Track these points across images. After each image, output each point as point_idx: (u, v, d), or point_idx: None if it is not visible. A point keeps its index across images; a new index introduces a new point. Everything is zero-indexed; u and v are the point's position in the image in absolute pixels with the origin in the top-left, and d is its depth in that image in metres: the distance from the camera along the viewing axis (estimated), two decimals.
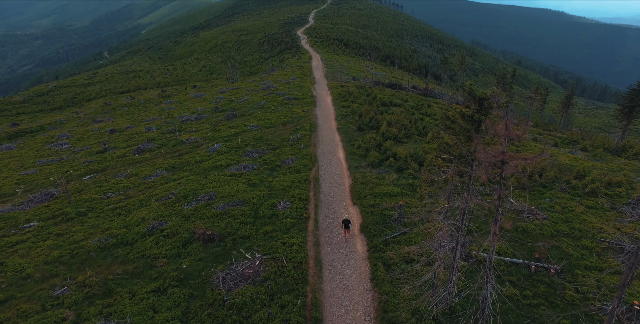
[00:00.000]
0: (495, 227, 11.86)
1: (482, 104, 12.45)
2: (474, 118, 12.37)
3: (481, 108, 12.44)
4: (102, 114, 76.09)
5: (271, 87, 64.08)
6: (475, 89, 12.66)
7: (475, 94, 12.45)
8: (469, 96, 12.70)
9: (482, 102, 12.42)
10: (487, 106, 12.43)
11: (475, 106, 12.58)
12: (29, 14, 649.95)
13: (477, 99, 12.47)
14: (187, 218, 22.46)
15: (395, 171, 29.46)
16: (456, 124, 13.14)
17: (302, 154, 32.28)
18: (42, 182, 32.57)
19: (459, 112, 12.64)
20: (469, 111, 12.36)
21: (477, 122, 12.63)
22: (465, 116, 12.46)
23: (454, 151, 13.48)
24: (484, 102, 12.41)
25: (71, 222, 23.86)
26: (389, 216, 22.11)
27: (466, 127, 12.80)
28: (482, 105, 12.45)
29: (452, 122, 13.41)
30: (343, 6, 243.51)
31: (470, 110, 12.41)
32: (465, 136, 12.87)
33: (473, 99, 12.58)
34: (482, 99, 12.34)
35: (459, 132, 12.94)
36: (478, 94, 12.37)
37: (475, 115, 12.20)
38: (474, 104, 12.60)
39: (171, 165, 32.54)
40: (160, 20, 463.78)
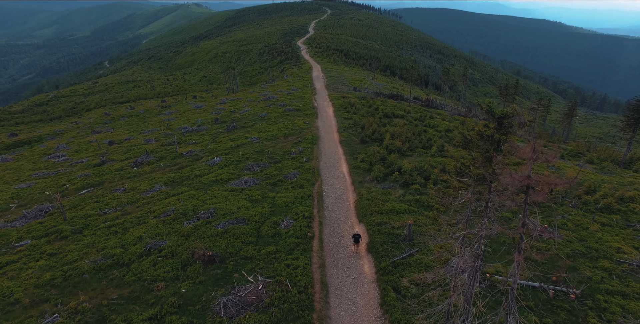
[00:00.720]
0: (520, 256, 11.00)
1: (501, 123, 11.70)
2: (493, 138, 11.61)
3: (501, 127, 11.69)
4: (101, 125, 75.46)
5: (272, 98, 63.57)
6: (493, 107, 11.93)
7: (495, 112, 11.72)
8: (488, 115, 11.96)
9: (502, 121, 11.68)
10: (507, 125, 11.69)
11: (495, 125, 11.83)
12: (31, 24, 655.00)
13: (496, 118, 11.73)
14: (187, 237, 21.54)
15: (401, 186, 28.63)
16: (474, 144, 12.38)
17: (305, 168, 31.47)
18: (37, 196, 31.66)
19: (478, 131, 11.88)
20: (488, 131, 11.61)
21: (496, 142, 11.87)
22: (485, 136, 11.70)
23: (471, 172, 12.68)
24: (503, 121, 11.67)
25: (65, 240, 22.91)
26: (397, 235, 21.21)
27: (485, 147, 12.03)
28: (501, 124, 11.70)
29: (470, 142, 12.65)
30: (343, 17, 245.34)
31: (489, 129, 11.65)
32: (484, 157, 12.09)
33: (492, 118, 11.84)
34: (502, 117, 11.60)
35: (477, 153, 12.17)
36: (497, 113, 11.63)
37: (495, 135, 11.44)
38: (493, 123, 11.86)
39: (170, 179, 31.69)
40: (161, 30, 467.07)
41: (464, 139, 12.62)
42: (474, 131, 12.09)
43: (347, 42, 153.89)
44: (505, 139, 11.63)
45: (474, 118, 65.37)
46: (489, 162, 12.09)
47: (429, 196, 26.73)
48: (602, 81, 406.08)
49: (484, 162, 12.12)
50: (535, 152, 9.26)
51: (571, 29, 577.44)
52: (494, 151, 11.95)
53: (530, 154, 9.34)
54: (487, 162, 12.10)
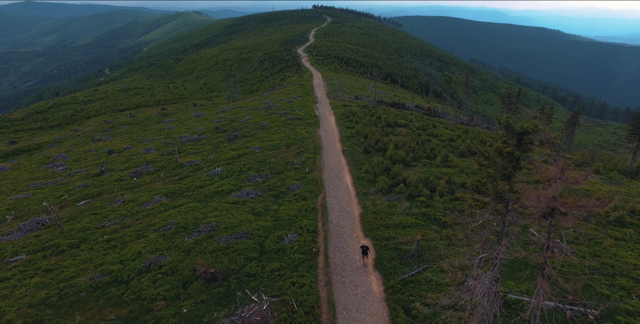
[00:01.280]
0: (543, 282, 10.37)
1: (521, 140, 11.13)
2: (513, 155, 11.03)
3: (521, 144, 11.12)
4: (101, 133, 74.96)
5: (273, 106, 63.17)
6: (512, 122, 11.38)
7: (514, 128, 11.16)
8: (506, 131, 11.40)
9: (522, 138, 11.11)
10: (527, 141, 11.13)
11: (514, 142, 11.27)
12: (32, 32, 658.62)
13: (515, 134, 11.17)
14: (188, 253, 20.84)
15: (407, 198, 28.01)
16: (491, 161, 11.80)
17: (308, 179, 30.86)
18: (34, 208, 30.96)
19: (496, 148, 11.31)
20: (508, 148, 11.03)
21: (515, 160, 11.30)
22: (504, 153, 11.12)
23: (488, 190, 12.07)
24: (523, 138, 11.11)
25: (62, 255, 22.20)
26: (404, 250, 20.54)
27: (503, 164, 11.45)
28: (521, 140, 11.14)
29: (487, 158, 12.07)
30: (343, 25, 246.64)
31: (509, 147, 11.08)
32: (502, 174, 11.50)
33: (511, 134, 11.28)
34: (522, 133, 11.03)
35: (496, 170, 11.58)
36: (517, 129, 11.07)
37: (516, 152, 10.86)
38: (512, 139, 11.29)
39: (171, 190, 31.04)
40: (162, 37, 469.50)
41: (482, 156, 12.02)
42: (493, 147, 11.52)
43: (347, 50, 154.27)
44: (526, 156, 11.07)
45: (477, 127, 64.98)
46: (507, 180, 11.51)
47: (436, 208, 26.11)
48: (600, 88, 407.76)
49: (502, 180, 11.53)
50: (563, 173, 8.68)
51: (569, 37, 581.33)
52: (512, 168, 11.38)
53: (558, 174, 8.76)
54: (505, 180, 11.51)
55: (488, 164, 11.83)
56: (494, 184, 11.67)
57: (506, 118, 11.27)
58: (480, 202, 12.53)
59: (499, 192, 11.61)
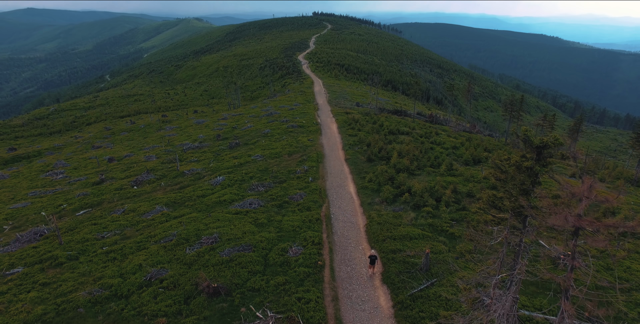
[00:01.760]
0: (568, 305, 9.85)
1: (541, 154, 10.69)
2: (532, 170, 10.57)
3: (540, 158, 10.67)
4: (102, 139, 74.60)
5: (274, 113, 62.85)
6: (531, 135, 10.93)
7: (533, 141, 10.71)
8: (525, 144, 10.95)
9: (541, 151, 10.66)
10: (547, 155, 10.67)
11: (533, 155, 10.82)
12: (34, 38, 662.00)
13: (534, 147, 10.72)
14: (190, 266, 20.27)
15: (412, 208, 27.50)
16: (508, 175, 11.34)
17: (311, 189, 30.36)
18: (33, 217, 30.42)
19: (515, 163, 10.85)
20: (527, 162, 10.57)
21: (534, 174, 10.83)
22: (522, 168, 10.66)
23: (505, 206, 11.59)
24: (543, 151, 10.66)
25: (60, 267, 21.62)
26: (412, 264, 19.98)
27: (521, 179, 10.99)
28: (541, 154, 10.69)
29: (503, 172, 11.61)
30: (343, 31, 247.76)
31: (527, 161, 10.63)
32: (520, 189, 11.03)
33: (530, 148, 10.83)
34: (541, 147, 10.59)
35: (513, 185, 11.11)
36: (536, 142, 10.63)
37: (536, 167, 10.40)
38: (531, 153, 10.84)
39: (172, 200, 30.51)
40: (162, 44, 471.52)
41: (498, 170, 11.57)
42: (510, 162, 11.06)
43: (347, 57, 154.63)
44: (546, 170, 10.62)
45: (479, 134, 64.64)
46: (526, 195, 11.04)
47: (443, 219, 25.59)
48: (599, 94, 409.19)
49: (521, 195, 11.06)
50: (591, 191, 8.21)
51: (568, 44, 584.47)
52: (531, 183, 10.91)
53: (586, 192, 8.28)
54: (524, 195, 11.04)
55: (505, 179, 11.37)
56: (511, 200, 11.20)
57: (524, 131, 10.83)
58: (496, 218, 12.03)
59: (516, 208, 11.14)
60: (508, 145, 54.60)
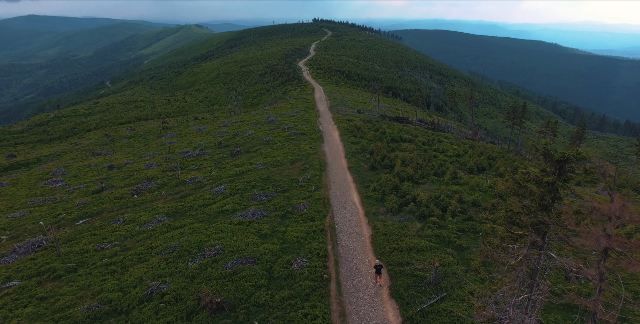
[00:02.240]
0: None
1: (562, 168, 10.24)
2: (554, 185, 10.12)
3: (561, 173, 10.23)
4: (102, 146, 74.18)
5: (275, 120, 62.52)
6: (550, 148, 10.50)
7: (553, 155, 10.28)
8: (545, 158, 10.52)
9: (563, 166, 10.22)
10: (568, 170, 10.23)
11: (553, 170, 10.37)
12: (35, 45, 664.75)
13: (555, 162, 10.28)
14: (192, 279, 19.72)
15: (418, 218, 27.00)
16: (527, 191, 10.88)
17: (315, 198, 29.87)
18: (31, 227, 29.86)
19: (534, 178, 10.41)
20: (548, 177, 10.13)
21: (555, 190, 10.38)
22: (543, 183, 10.21)
23: (523, 222, 11.12)
24: (564, 166, 10.22)
25: (58, 281, 21.05)
26: (421, 277, 19.44)
27: (541, 194, 10.53)
28: (562, 169, 10.24)
29: (522, 187, 11.15)
30: (343, 38, 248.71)
31: (548, 176, 10.18)
32: (540, 205, 10.57)
33: (550, 162, 10.39)
34: (562, 161, 10.15)
35: (533, 201, 10.65)
36: (556, 156, 10.19)
37: (558, 182, 9.95)
38: (551, 168, 10.40)
39: (172, 209, 29.99)
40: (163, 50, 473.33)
41: (516, 184, 11.11)
42: (529, 176, 10.61)
43: (348, 64, 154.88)
44: (568, 186, 10.17)
45: (481, 141, 64.29)
46: (546, 211, 10.57)
47: (450, 230, 25.08)
48: (599, 101, 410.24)
49: (540, 211, 10.60)
50: (623, 211, 7.75)
51: (567, 50, 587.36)
52: (552, 199, 10.46)
53: (617, 211, 7.83)
54: (544, 211, 10.58)
55: (523, 194, 10.91)
56: (530, 215, 10.74)
57: (544, 144, 10.40)
58: (514, 235, 11.55)
59: (536, 224, 10.68)
60: (511, 152, 54.22)
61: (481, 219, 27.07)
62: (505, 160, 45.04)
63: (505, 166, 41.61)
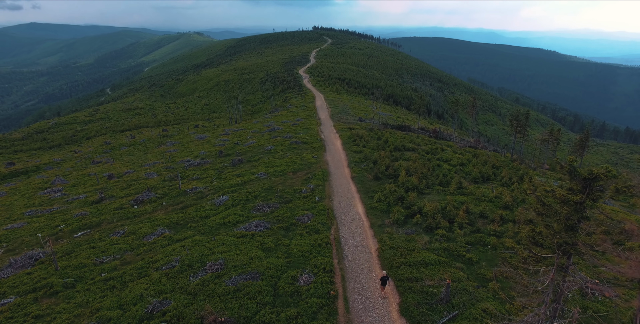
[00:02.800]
0: None
1: (589, 186, 9.68)
2: (582, 205, 9.56)
3: (590, 191, 9.67)
4: (101, 154, 73.65)
5: (277, 129, 62.09)
6: (576, 165, 9.95)
7: (579, 173, 9.72)
8: (570, 176, 9.97)
9: (591, 184, 9.66)
10: (597, 188, 9.67)
11: (579, 188, 9.81)
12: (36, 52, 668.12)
13: (582, 180, 9.73)
14: (194, 296, 19.02)
15: (424, 230, 26.38)
16: (551, 210, 10.31)
17: (318, 209, 29.26)
18: (28, 240, 29.17)
19: (561, 197, 9.85)
20: (576, 197, 9.57)
21: (582, 209, 9.81)
22: (570, 202, 9.65)
23: (547, 242, 10.53)
24: (592, 184, 9.66)
25: (55, 297, 20.34)
26: (432, 294, 18.76)
27: (567, 214, 9.96)
28: (589, 187, 9.68)
29: (545, 206, 10.58)
30: (343, 46, 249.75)
31: (576, 195, 9.62)
32: (565, 225, 9.99)
33: (576, 180, 9.84)
34: (590, 179, 9.59)
35: (558, 221, 10.08)
36: (584, 174, 9.63)
37: (587, 202, 9.39)
38: (577, 185, 9.84)
39: (173, 221, 29.33)
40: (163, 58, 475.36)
41: (540, 203, 10.54)
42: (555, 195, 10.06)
43: (348, 71, 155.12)
44: (596, 205, 9.61)
45: (484, 149, 63.81)
46: (572, 231, 10.00)
47: (458, 243, 24.45)
48: (598, 108, 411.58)
49: (566, 231, 10.02)
50: None
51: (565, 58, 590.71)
52: (578, 219, 9.89)
53: None
54: (570, 232, 10.00)
55: (547, 213, 10.34)
56: (555, 236, 10.15)
57: (569, 161, 9.86)
58: (536, 255, 10.95)
59: (561, 245, 10.09)
60: (515, 161, 53.70)
61: (489, 231, 26.47)
62: (509, 169, 44.44)
63: (510, 176, 41.10)
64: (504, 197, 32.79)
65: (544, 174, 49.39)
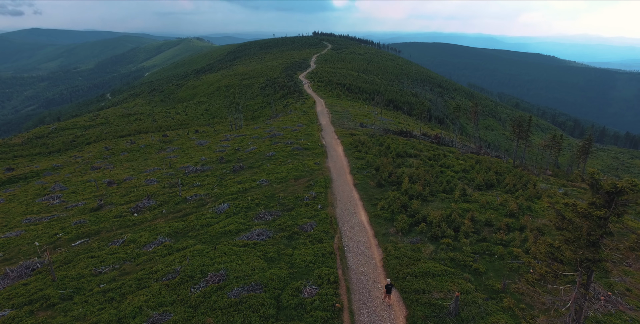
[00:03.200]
0: None
1: (613, 201, 9.22)
2: (606, 220, 9.09)
3: (615, 206, 9.20)
4: (101, 160, 73.20)
5: (277, 134, 61.70)
6: (599, 178, 9.50)
7: (602, 186, 9.27)
8: (592, 189, 9.52)
9: (614, 198, 9.20)
10: (622, 203, 9.21)
11: (602, 202, 9.35)
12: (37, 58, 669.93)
13: (605, 193, 9.27)
14: (195, 309, 18.48)
15: (430, 239, 25.87)
16: (572, 225, 9.84)
17: (321, 218, 28.75)
18: (25, 249, 28.61)
19: (583, 212, 9.38)
20: (599, 212, 9.10)
21: (605, 225, 9.34)
22: (594, 217, 9.18)
23: (566, 258, 10.04)
24: (616, 198, 9.20)
25: (52, 310, 19.78)
26: (440, 307, 18.22)
27: (588, 229, 9.48)
28: (613, 201, 9.22)
29: (564, 219, 10.11)
30: (343, 51, 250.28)
31: (599, 210, 9.15)
32: (588, 242, 9.52)
33: (599, 194, 9.38)
34: (614, 193, 9.14)
35: (579, 236, 9.60)
36: (606, 187, 9.18)
37: (612, 217, 8.93)
38: (600, 199, 9.38)
39: (174, 229, 28.80)
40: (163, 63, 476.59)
41: (560, 217, 10.08)
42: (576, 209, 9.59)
43: (348, 76, 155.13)
44: (621, 220, 9.14)
45: (486, 155, 63.40)
46: (594, 247, 9.52)
47: (464, 252, 23.93)
48: (597, 112, 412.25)
49: (587, 247, 9.54)
50: None
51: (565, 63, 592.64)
52: (601, 234, 9.42)
53: None
54: (591, 248, 9.52)
55: (567, 228, 9.87)
56: (576, 252, 9.67)
57: (591, 174, 9.41)
58: (555, 272, 10.45)
59: (583, 261, 9.61)
60: (518, 167, 53.26)
61: (496, 240, 25.99)
62: (513, 176, 44.00)
63: (514, 183, 40.65)
64: (509, 204, 32.33)
65: (547, 181, 48.90)
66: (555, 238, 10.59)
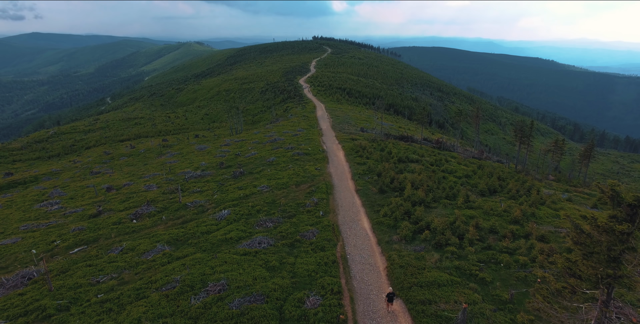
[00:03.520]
0: None
1: (637, 214, 8.80)
2: (630, 235, 8.66)
3: (636, 220, 8.78)
4: (100, 164, 72.77)
5: (278, 139, 61.33)
6: (620, 190, 9.08)
7: (624, 199, 8.85)
8: (612, 202, 9.09)
9: (637, 211, 8.79)
10: None
11: (624, 216, 8.92)
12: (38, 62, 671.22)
13: (627, 206, 8.84)
14: (195, 320, 17.98)
15: (434, 247, 25.40)
16: (591, 239, 9.41)
17: (323, 225, 28.30)
18: (22, 256, 28.10)
19: (603, 226, 8.95)
20: (622, 226, 8.67)
21: (627, 240, 8.91)
22: (615, 232, 8.76)
23: (585, 273, 9.60)
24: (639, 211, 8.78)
25: (48, 321, 19.26)
26: (446, 318, 17.74)
27: (609, 244, 9.05)
28: (637, 215, 8.80)
29: (582, 233, 9.68)
30: (343, 55, 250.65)
31: (622, 224, 8.73)
32: (609, 257, 9.08)
33: (621, 206, 8.96)
34: (637, 206, 8.72)
35: (599, 251, 9.17)
36: (629, 199, 8.76)
37: (636, 232, 8.50)
38: (621, 213, 8.96)
39: (173, 236, 28.32)
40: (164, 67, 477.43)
41: (578, 231, 9.65)
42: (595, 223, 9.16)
43: (348, 81, 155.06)
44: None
45: (488, 160, 63.03)
46: (614, 263, 9.08)
47: (470, 261, 23.46)
48: (597, 116, 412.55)
49: (608, 262, 9.11)
50: None
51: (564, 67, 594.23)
52: (622, 250, 8.98)
53: None
54: (612, 263, 9.09)
55: (586, 242, 9.43)
56: (596, 268, 9.23)
57: (611, 185, 8.99)
58: (571, 287, 10.00)
59: (603, 277, 9.17)
60: (520, 172, 52.86)
61: (501, 248, 25.54)
62: (516, 181, 43.59)
63: (518, 188, 40.24)
64: (513, 211, 31.91)
65: (550, 186, 48.49)
66: (572, 252, 10.15)
